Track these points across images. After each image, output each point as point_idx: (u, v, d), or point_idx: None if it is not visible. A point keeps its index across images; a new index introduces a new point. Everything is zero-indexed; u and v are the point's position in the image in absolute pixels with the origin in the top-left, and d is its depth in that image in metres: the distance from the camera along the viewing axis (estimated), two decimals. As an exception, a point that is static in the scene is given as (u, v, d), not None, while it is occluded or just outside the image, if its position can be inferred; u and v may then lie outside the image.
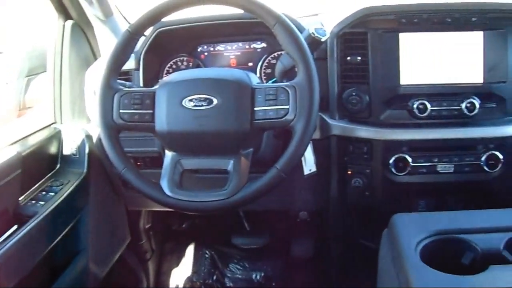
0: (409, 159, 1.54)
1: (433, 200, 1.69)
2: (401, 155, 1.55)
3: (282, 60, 1.47)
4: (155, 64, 1.81)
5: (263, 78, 1.80)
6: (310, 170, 1.55)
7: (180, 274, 2.47)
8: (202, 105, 1.24)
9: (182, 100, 1.25)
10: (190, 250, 2.54)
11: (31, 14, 2.39)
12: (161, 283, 2.49)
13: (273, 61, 1.78)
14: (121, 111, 1.29)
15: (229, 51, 1.84)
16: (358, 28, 1.58)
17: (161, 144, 1.47)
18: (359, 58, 1.58)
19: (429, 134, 1.55)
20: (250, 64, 1.82)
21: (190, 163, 1.30)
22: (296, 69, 1.23)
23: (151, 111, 1.28)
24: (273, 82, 1.62)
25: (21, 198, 1.55)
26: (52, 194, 1.61)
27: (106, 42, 1.87)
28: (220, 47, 1.84)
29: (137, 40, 1.36)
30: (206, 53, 1.84)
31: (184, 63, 1.84)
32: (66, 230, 1.63)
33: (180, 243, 2.57)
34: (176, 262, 2.52)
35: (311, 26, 1.40)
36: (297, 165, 1.41)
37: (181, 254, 2.54)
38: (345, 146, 1.62)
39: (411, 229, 1.20)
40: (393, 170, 1.56)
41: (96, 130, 1.76)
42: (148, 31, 1.69)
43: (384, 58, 1.56)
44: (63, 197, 1.61)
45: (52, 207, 1.54)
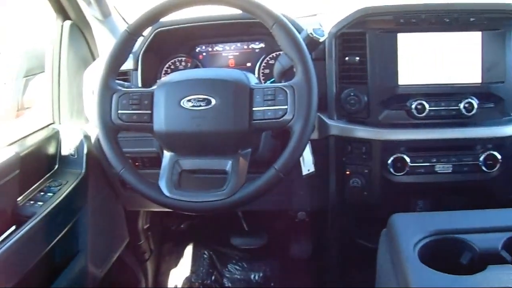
0: (408, 159, 1.54)
1: (432, 200, 1.69)
2: (400, 155, 1.55)
3: (281, 61, 1.47)
4: (154, 65, 1.81)
5: (262, 79, 1.80)
6: (309, 171, 1.55)
7: (179, 274, 2.47)
8: (201, 106, 1.24)
9: (181, 101, 1.25)
10: (189, 251, 2.54)
11: (30, 15, 2.39)
12: (160, 283, 2.49)
13: (272, 62, 1.78)
14: (120, 112, 1.29)
15: (228, 52, 1.84)
16: (356, 29, 1.58)
17: (160, 145, 1.47)
18: (357, 59, 1.58)
19: (428, 134, 1.55)
20: (249, 65, 1.82)
21: (189, 164, 1.30)
22: (295, 70, 1.23)
23: (150, 112, 1.28)
24: (272, 83, 1.61)
25: (20, 199, 1.55)
26: (51, 195, 1.61)
27: (105, 43, 1.87)
28: (219, 48, 1.84)
29: (136, 41, 1.35)
30: (205, 54, 1.85)
31: (183, 64, 1.84)
32: (65, 231, 1.63)
33: (179, 244, 2.57)
34: (175, 263, 2.52)
35: (310, 27, 1.40)
36: (296, 166, 1.41)
37: (180, 255, 2.54)
38: (344, 146, 1.62)
39: (410, 229, 1.21)
40: (392, 170, 1.56)
41: (95, 131, 1.75)
42: (147, 32, 1.69)
43: (382, 58, 1.56)
44: (62, 198, 1.61)
45: (51, 208, 1.54)
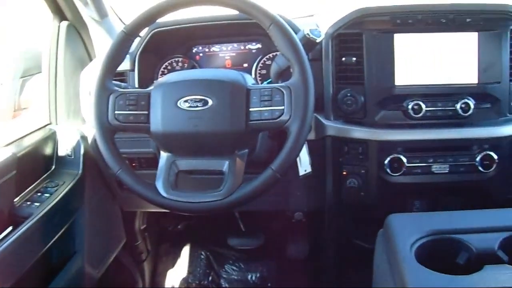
0: (404, 160, 1.55)
1: (428, 200, 1.69)
2: (396, 156, 1.55)
3: (277, 61, 1.48)
4: (150, 65, 1.81)
5: (258, 79, 1.80)
6: (305, 171, 1.55)
7: (176, 275, 2.47)
8: (197, 106, 1.24)
9: (177, 101, 1.25)
10: (186, 251, 2.53)
11: (26, 15, 2.38)
12: (157, 284, 2.49)
13: (268, 62, 1.79)
14: (116, 112, 1.29)
15: (224, 52, 1.84)
16: (353, 29, 1.58)
17: (156, 145, 1.47)
18: (354, 59, 1.58)
19: (424, 135, 1.55)
20: (245, 65, 1.82)
21: (185, 164, 1.30)
22: (291, 70, 1.23)
23: (146, 112, 1.28)
24: (268, 83, 1.62)
25: (16, 199, 1.55)
26: (48, 195, 1.61)
27: (101, 43, 1.87)
28: (215, 48, 1.84)
29: (132, 41, 1.35)
30: (201, 54, 1.85)
31: (179, 64, 1.84)
32: (62, 231, 1.63)
33: (176, 244, 2.57)
34: (172, 263, 2.52)
35: (306, 27, 1.41)
36: (292, 166, 1.41)
37: (177, 255, 2.54)
38: (340, 147, 1.62)
39: (406, 229, 1.21)
40: (388, 171, 1.56)
41: (91, 131, 1.75)
42: (143, 32, 1.68)
43: (379, 59, 1.56)
44: (59, 198, 1.60)
45: (48, 208, 1.54)
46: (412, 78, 1.55)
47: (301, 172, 1.55)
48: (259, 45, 1.81)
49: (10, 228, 1.43)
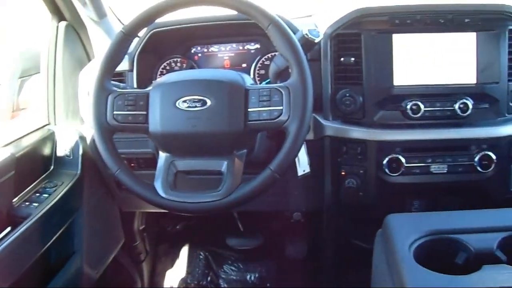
0: (403, 160, 1.55)
1: (427, 201, 1.69)
2: (395, 156, 1.55)
3: (276, 61, 1.47)
4: (149, 65, 1.80)
5: (257, 79, 1.80)
6: (304, 171, 1.55)
7: (174, 276, 2.47)
8: (196, 106, 1.24)
9: (176, 101, 1.25)
10: (184, 252, 2.53)
11: (25, 15, 2.38)
12: (155, 284, 2.49)
13: (267, 62, 1.78)
14: (115, 113, 1.29)
15: (223, 52, 1.84)
16: (352, 29, 1.58)
17: (155, 145, 1.46)
18: (353, 59, 1.58)
19: (423, 135, 1.55)
20: (244, 65, 1.82)
21: (184, 164, 1.30)
22: (290, 70, 1.23)
23: (145, 113, 1.28)
24: (267, 83, 1.62)
25: (15, 200, 1.55)
26: (46, 196, 1.61)
27: (100, 43, 1.86)
28: (214, 48, 1.84)
29: (131, 41, 1.35)
30: (200, 54, 1.84)
31: (178, 64, 1.84)
32: (60, 232, 1.63)
33: (174, 245, 2.57)
34: (170, 264, 2.52)
35: (305, 27, 1.41)
36: (291, 166, 1.41)
37: (175, 256, 2.53)
38: (339, 147, 1.62)
39: (405, 230, 1.21)
40: (387, 171, 1.56)
41: (90, 132, 1.75)
42: (142, 32, 1.68)
43: (378, 59, 1.56)
44: (57, 199, 1.60)
45: (46, 209, 1.54)
46: (411, 78, 1.55)
47: (300, 172, 1.55)
48: (258, 45, 1.81)
49: (9, 229, 1.43)
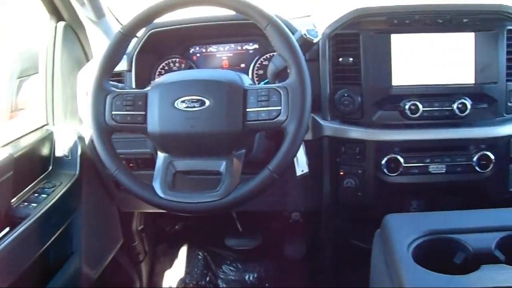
0: (401, 160, 1.55)
1: (425, 200, 1.70)
2: (393, 156, 1.55)
3: (274, 61, 1.48)
4: (148, 66, 1.80)
5: (255, 79, 1.80)
6: (303, 171, 1.56)
7: (173, 276, 2.47)
8: (194, 107, 1.24)
9: (175, 102, 1.25)
10: (183, 252, 2.53)
11: (23, 15, 2.38)
12: (154, 285, 2.48)
13: (265, 62, 1.78)
14: (114, 113, 1.29)
15: (221, 53, 1.84)
16: (350, 29, 1.58)
17: (154, 146, 1.47)
18: (351, 59, 1.58)
19: (421, 135, 1.55)
20: (242, 66, 1.82)
21: (183, 165, 1.30)
22: (288, 70, 1.23)
23: (144, 113, 1.28)
24: (265, 84, 1.62)
25: (13, 200, 1.54)
26: (45, 196, 1.61)
27: (98, 44, 1.86)
28: (212, 49, 1.84)
29: (130, 42, 1.35)
30: (198, 55, 1.84)
31: (177, 65, 1.84)
32: (59, 232, 1.63)
33: (173, 245, 2.57)
34: (169, 264, 2.52)
35: (303, 27, 1.41)
36: (290, 166, 1.41)
37: (174, 256, 2.53)
38: (337, 147, 1.62)
39: (404, 229, 1.21)
40: (385, 171, 1.56)
41: (89, 132, 1.75)
42: (141, 33, 1.68)
43: (376, 59, 1.56)
44: (56, 199, 1.60)
45: (45, 209, 1.54)
46: (409, 78, 1.55)
47: (298, 173, 1.55)
48: (256, 46, 1.81)
49: (7, 229, 1.43)
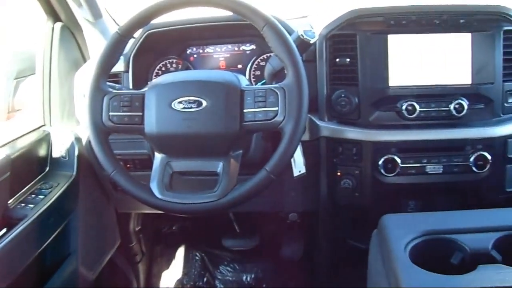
0: (398, 160, 1.55)
1: (422, 201, 1.69)
2: (390, 156, 1.55)
3: (271, 62, 1.48)
4: (145, 66, 1.80)
5: (253, 80, 1.80)
6: (300, 172, 1.55)
7: (171, 277, 2.47)
8: (192, 107, 1.24)
9: (172, 102, 1.25)
10: (180, 252, 2.53)
11: (20, 16, 2.38)
12: (151, 285, 2.48)
13: (263, 63, 1.78)
14: (111, 114, 1.29)
15: (219, 53, 1.84)
16: (347, 30, 1.58)
17: (151, 146, 1.47)
18: (348, 60, 1.58)
19: (418, 135, 1.55)
20: (240, 66, 1.82)
21: (180, 165, 1.30)
22: (285, 71, 1.24)
23: (141, 113, 1.28)
24: (262, 84, 1.62)
25: (10, 201, 1.54)
26: (42, 197, 1.60)
27: (96, 44, 1.86)
28: (209, 49, 1.84)
29: (127, 42, 1.35)
30: (195, 55, 1.84)
31: (174, 65, 1.84)
32: (56, 233, 1.62)
33: (170, 246, 2.57)
34: (167, 265, 2.52)
35: (300, 28, 1.41)
36: (287, 167, 1.41)
37: (171, 257, 2.53)
38: (335, 148, 1.62)
39: (401, 230, 1.21)
40: (382, 171, 1.56)
41: (86, 133, 1.75)
42: (138, 33, 1.68)
43: (373, 60, 1.56)
44: (53, 200, 1.60)
45: (42, 210, 1.53)
46: (406, 79, 1.56)
47: (296, 173, 1.55)
48: (253, 46, 1.81)
49: (4, 230, 1.42)
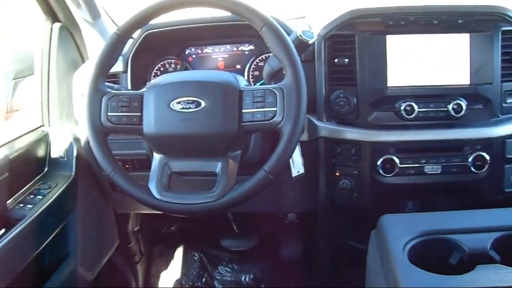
0: (397, 161, 1.55)
1: (421, 201, 1.70)
2: (389, 157, 1.55)
3: (270, 62, 1.48)
4: (143, 67, 1.80)
5: (251, 81, 1.80)
6: (298, 172, 1.55)
7: (169, 277, 2.46)
8: (190, 108, 1.24)
9: (170, 103, 1.25)
10: (179, 253, 2.53)
11: (19, 16, 2.37)
12: (150, 286, 2.48)
13: (261, 64, 1.79)
14: (109, 114, 1.29)
15: (217, 54, 1.84)
16: (346, 31, 1.58)
17: (149, 147, 1.47)
18: (347, 60, 1.58)
19: (417, 136, 1.55)
20: (238, 67, 1.82)
21: (178, 166, 1.30)
22: (284, 72, 1.24)
23: (139, 114, 1.28)
24: (261, 85, 1.62)
25: (9, 202, 1.54)
26: (40, 197, 1.60)
27: (94, 45, 1.86)
28: (208, 50, 1.84)
29: (125, 43, 1.35)
30: (194, 56, 1.84)
31: (172, 66, 1.84)
32: (55, 233, 1.62)
33: (169, 246, 2.57)
34: (165, 265, 2.52)
35: (299, 29, 1.41)
36: (285, 167, 1.41)
37: (170, 257, 2.53)
38: (333, 148, 1.62)
39: (399, 230, 1.21)
40: (381, 172, 1.56)
41: (84, 133, 1.75)
42: (136, 34, 1.68)
43: (372, 60, 1.56)
44: (51, 200, 1.60)
45: (40, 210, 1.53)
46: (405, 79, 1.56)
47: (294, 173, 1.55)
48: (252, 47, 1.81)
49: (3, 231, 1.42)
